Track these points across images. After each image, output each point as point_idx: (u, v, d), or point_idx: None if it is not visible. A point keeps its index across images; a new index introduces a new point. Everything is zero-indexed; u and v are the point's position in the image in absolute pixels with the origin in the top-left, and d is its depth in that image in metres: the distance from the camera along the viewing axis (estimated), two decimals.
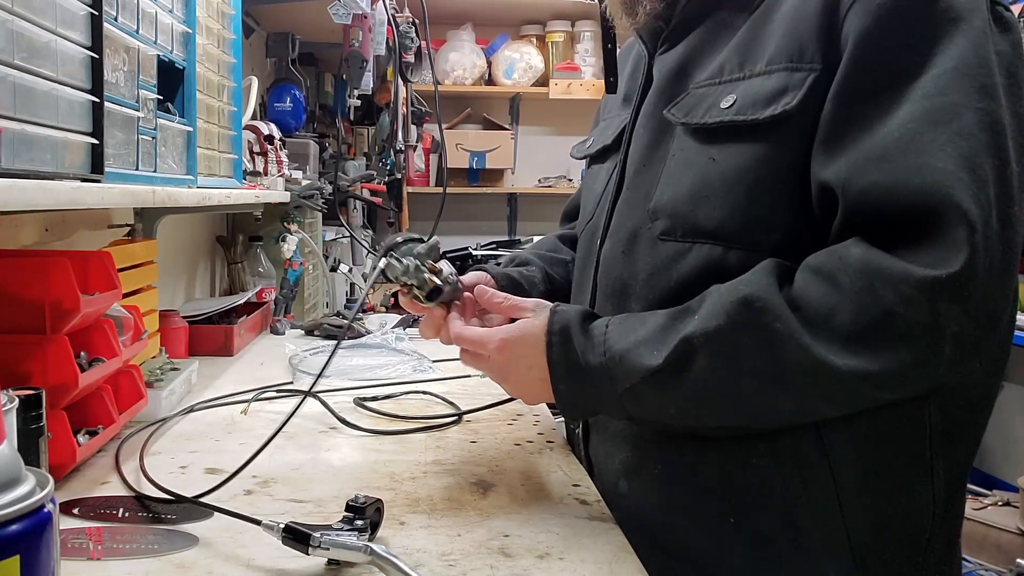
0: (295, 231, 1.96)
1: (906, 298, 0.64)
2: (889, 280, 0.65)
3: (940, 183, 0.65)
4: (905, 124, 0.68)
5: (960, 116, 0.66)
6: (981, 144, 0.66)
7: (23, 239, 1.12)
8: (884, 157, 0.68)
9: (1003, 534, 2.30)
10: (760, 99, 0.76)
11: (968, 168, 0.65)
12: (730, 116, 0.77)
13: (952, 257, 0.63)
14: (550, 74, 3.99)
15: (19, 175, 0.67)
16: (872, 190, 0.68)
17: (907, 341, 0.65)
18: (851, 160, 0.70)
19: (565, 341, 0.80)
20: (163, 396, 1.15)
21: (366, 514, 0.73)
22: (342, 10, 1.96)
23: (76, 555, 0.71)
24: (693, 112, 0.81)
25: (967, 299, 0.64)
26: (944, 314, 0.64)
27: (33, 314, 0.87)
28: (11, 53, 0.66)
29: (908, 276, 0.64)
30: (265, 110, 2.24)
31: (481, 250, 4.05)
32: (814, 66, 0.73)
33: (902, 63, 0.69)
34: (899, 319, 0.65)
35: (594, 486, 0.91)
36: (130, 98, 0.96)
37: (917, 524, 0.75)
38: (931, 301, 0.64)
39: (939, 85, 0.67)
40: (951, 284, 0.63)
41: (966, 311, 0.64)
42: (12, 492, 0.44)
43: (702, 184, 0.78)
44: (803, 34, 0.74)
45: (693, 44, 0.86)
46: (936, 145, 0.66)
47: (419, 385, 1.32)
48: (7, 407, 0.65)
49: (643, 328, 0.77)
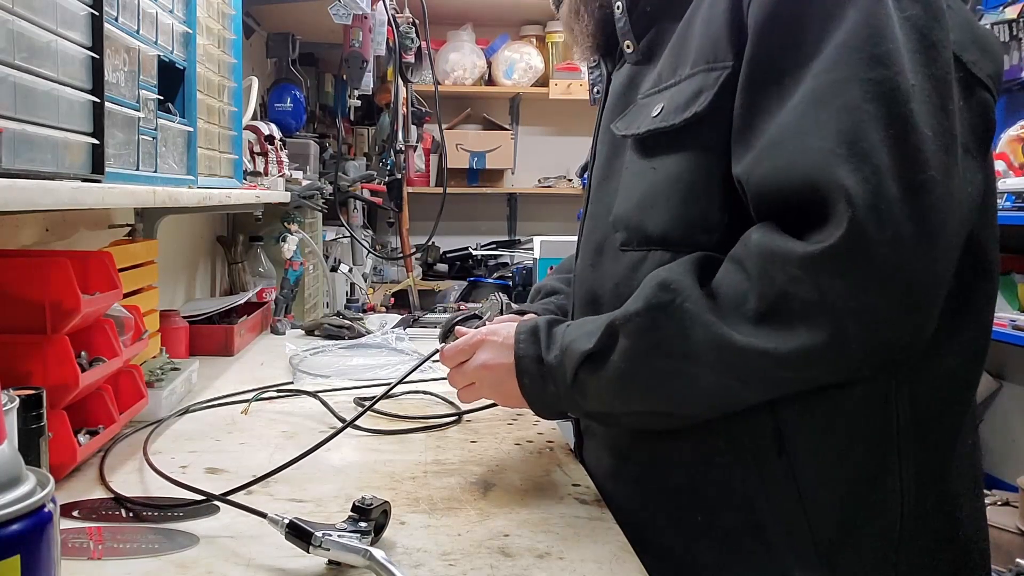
0: (295, 231, 1.96)
1: (792, 277, 0.65)
2: (778, 261, 0.66)
3: (821, 163, 0.65)
4: (796, 107, 0.68)
5: (845, 90, 0.66)
6: (869, 116, 0.65)
7: (24, 239, 1.12)
8: (778, 143, 0.68)
9: (1003, 534, 2.30)
10: (680, 104, 0.77)
11: (849, 142, 0.64)
12: (656, 124, 0.79)
13: (831, 233, 0.63)
14: (550, 74, 3.99)
15: (20, 175, 0.67)
16: (768, 177, 0.69)
17: (803, 320, 0.66)
18: (753, 152, 0.70)
19: (532, 339, 0.85)
20: (163, 396, 1.15)
21: (371, 516, 0.73)
22: (342, 10, 1.96)
23: (76, 555, 0.72)
24: (632, 124, 0.83)
25: (851, 271, 0.63)
26: (829, 290, 0.64)
27: (34, 314, 0.87)
28: (11, 53, 0.66)
29: (791, 255, 0.65)
30: (265, 110, 2.25)
31: (481, 250, 4.05)
32: (726, 64, 0.74)
33: (796, 47, 0.69)
34: (792, 299, 0.66)
35: (594, 486, 0.91)
36: (130, 98, 0.96)
37: (886, 520, 0.74)
38: (813, 277, 0.64)
39: (827, 63, 0.67)
40: (830, 258, 0.63)
41: (856, 283, 0.64)
42: (13, 492, 0.44)
43: (646, 194, 0.81)
44: (715, 33, 0.75)
45: (639, 56, 0.88)
46: (820, 125, 0.66)
47: (419, 385, 1.32)
48: (8, 407, 0.65)
49: (593, 322, 0.80)
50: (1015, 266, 2.51)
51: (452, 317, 1.02)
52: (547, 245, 3.02)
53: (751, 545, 0.76)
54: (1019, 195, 2.19)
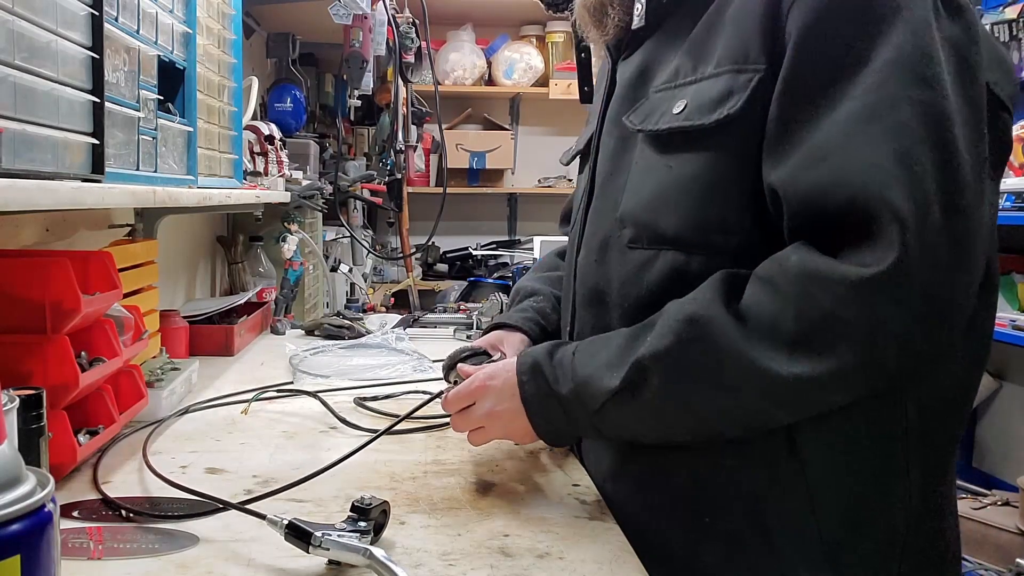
0: (295, 231, 1.96)
1: (840, 299, 0.65)
2: (824, 283, 0.66)
3: (873, 181, 0.64)
4: (843, 122, 0.67)
5: (897, 109, 0.65)
6: (918, 137, 0.65)
7: (24, 239, 1.12)
8: (822, 158, 0.67)
9: (1002, 534, 2.30)
10: (707, 103, 0.76)
11: (903, 164, 0.64)
12: (680, 122, 0.77)
13: (884, 256, 0.63)
14: (550, 74, 3.99)
15: (20, 175, 0.67)
16: (811, 192, 0.68)
17: (846, 342, 0.65)
18: (793, 162, 0.69)
19: (536, 376, 0.83)
20: (163, 396, 1.15)
21: (371, 515, 0.73)
22: (342, 10, 1.96)
23: (76, 555, 0.72)
24: (649, 118, 0.82)
25: (902, 297, 0.64)
26: (880, 313, 0.64)
27: (34, 314, 0.87)
28: (12, 53, 0.66)
29: (842, 278, 0.65)
30: (265, 110, 2.25)
31: (481, 250, 4.05)
32: (758, 67, 0.72)
33: (842, 59, 0.69)
34: (837, 321, 0.65)
35: (594, 486, 0.91)
36: (131, 98, 0.96)
37: (891, 520, 0.75)
38: (865, 301, 0.64)
39: (876, 80, 0.66)
40: (883, 282, 0.63)
41: (904, 308, 0.64)
42: (13, 492, 0.44)
43: (661, 191, 0.79)
44: (747, 34, 0.74)
45: (652, 48, 0.86)
46: (871, 142, 0.65)
47: (419, 385, 1.32)
48: (8, 407, 0.65)
49: (605, 351, 0.78)
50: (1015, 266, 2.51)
51: (456, 353, 0.98)
52: (547, 245, 3.02)
53: (757, 545, 0.76)
54: (1019, 195, 2.19)
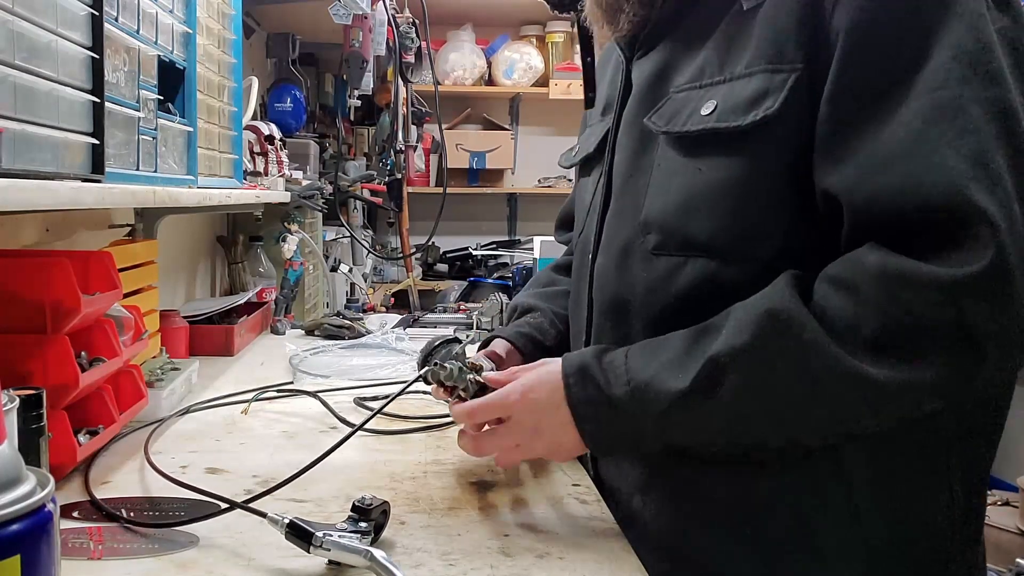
0: (295, 231, 1.96)
1: (933, 303, 0.62)
2: (912, 285, 0.63)
3: (953, 182, 0.62)
4: (909, 123, 0.65)
5: (965, 109, 0.63)
6: (991, 136, 0.63)
7: (24, 239, 1.12)
8: (890, 160, 0.65)
9: (1002, 534, 2.30)
10: (741, 104, 0.73)
11: (981, 164, 0.62)
12: (711, 123, 0.74)
13: (977, 256, 0.61)
14: (550, 74, 3.99)
15: (20, 175, 0.67)
16: (881, 195, 0.65)
17: (944, 348, 0.63)
18: (855, 166, 0.67)
19: (584, 379, 0.76)
20: (163, 396, 1.15)
21: (371, 516, 0.73)
22: (342, 10, 1.96)
23: (76, 555, 0.72)
24: (675, 120, 0.78)
25: (999, 297, 0.61)
26: (976, 316, 0.61)
27: (34, 314, 0.87)
28: (12, 53, 0.66)
29: (933, 279, 0.62)
30: (265, 110, 2.25)
31: (481, 250, 4.05)
32: (795, 66, 0.70)
33: (897, 58, 0.66)
34: (930, 326, 0.63)
35: (594, 486, 0.91)
36: (130, 98, 0.96)
37: (936, 527, 0.74)
38: (959, 304, 0.61)
39: (939, 78, 0.64)
40: (979, 284, 0.61)
41: (1001, 309, 0.61)
42: (13, 492, 0.44)
43: (690, 195, 0.76)
44: (782, 33, 0.71)
45: (671, 46, 0.83)
46: (944, 142, 0.63)
47: (419, 385, 1.32)
48: (8, 407, 0.65)
49: (664, 352, 0.74)
50: None
51: (428, 345, 0.94)
52: (547, 245, 3.01)
53: (801, 556, 0.74)
54: None
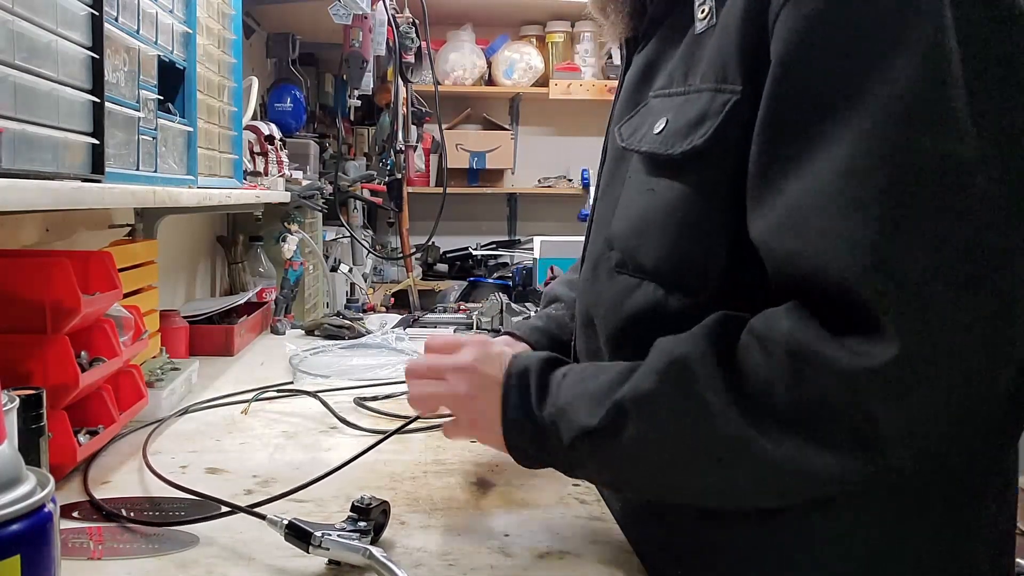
0: (295, 231, 1.96)
1: (835, 390, 0.55)
2: (815, 367, 0.56)
3: (856, 261, 0.53)
4: (824, 178, 0.55)
5: (892, 163, 0.53)
6: (918, 199, 0.53)
7: (24, 239, 1.12)
8: (804, 220, 0.56)
9: None
10: (683, 126, 0.66)
11: (891, 235, 0.53)
12: (655, 146, 0.69)
13: (877, 347, 0.53)
14: (550, 74, 3.98)
15: (20, 175, 0.67)
16: (797, 259, 0.58)
17: (845, 438, 0.56)
18: (771, 218, 0.59)
19: (520, 387, 0.74)
20: (163, 396, 1.15)
21: (371, 516, 0.73)
22: (342, 10, 1.96)
23: (76, 555, 0.72)
24: (635, 134, 0.73)
25: (902, 393, 0.53)
26: (876, 414, 0.54)
27: (34, 314, 0.87)
28: (12, 53, 0.66)
29: (832, 366, 0.55)
30: (265, 110, 2.25)
31: (481, 250, 4.05)
32: (735, 88, 0.62)
33: (833, 90, 0.56)
34: (833, 414, 0.56)
35: (594, 486, 0.91)
36: (130, 98, 0.96)
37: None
38: (858, 399, 0.54)
39: (867, 124, 0.54)
40: (880, 378, 0.53)
41: (910, 410, 0.54)
42: (13, 492, 0.44)
43: (643, 217, 0.71)
44: (728, 47, 0.63)
45: (656, 45, 0.77)
46: (854, 205, 0.54)
47: None
48: (8, 407, 0.65)
49: (593, 383, 0.69)
50: None
51: None
52: (547, 245, 3.02)
53: None
54: None
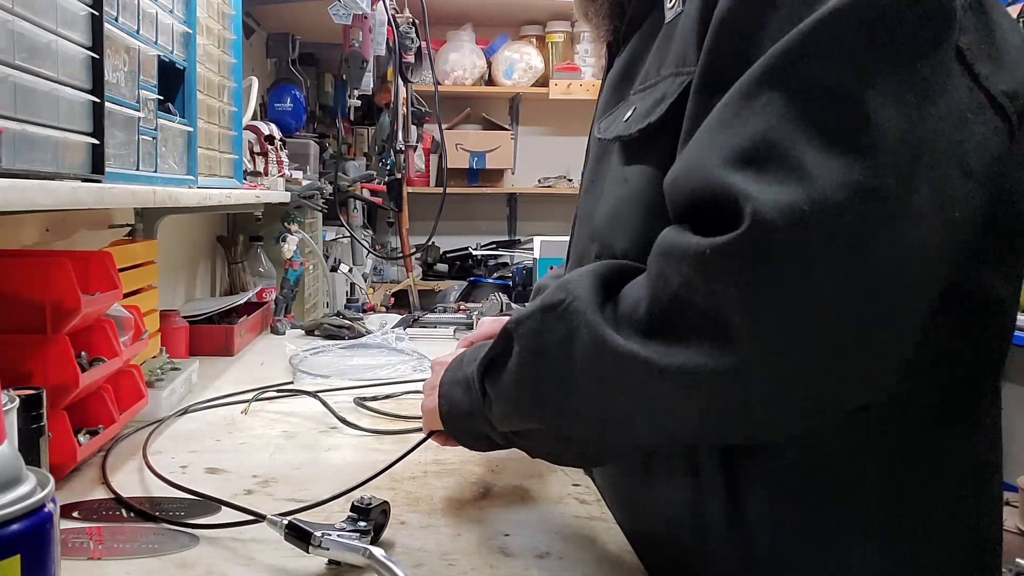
0: (295, 231, 1.97)
1: (685, 279, 0.53)
2: (674, 259, 0.54)
3: (721, 162, 0.53)
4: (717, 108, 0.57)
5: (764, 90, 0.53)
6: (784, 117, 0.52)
7: (24, 239, 1.12)
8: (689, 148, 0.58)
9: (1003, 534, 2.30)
10: (647, 110, 0.68)
11: (753, 147, 0.52)
12: (619, 131, 0.70)
13: (731, 232, 0.50)
14: (550, 74, 3.99)
15: (20, 175, 0.67)
16: (677, 180, 0.58)
17: (695, 332, 0.53)
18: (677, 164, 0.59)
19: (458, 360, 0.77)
20: (163, 396, 1.15)
21: (371, 516, 0.73)
22: (342, 10, 1.96)
23: (77, 555, 0.72)
24: (611, 126, 0.74)
25: (751, 279, 0.50)
26: (721, 296, 0.51)
27: (34, 314, 0.87)
28: (12, 53, 0.66)
29: (686, 251, 0.53)
30: (265, 110, 2.25)
31: (481, 250, 4.05)
32: (690, 70, 0.63)
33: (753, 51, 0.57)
34: (684, 305, 0.54)
35: (594, 486, 0.91)
36: (131, 98, 0.96)
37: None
38: (706, 281, 0.52)
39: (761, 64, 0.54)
40: (723, 256, 0.50)
41: (756, 296, 0.50)
42: (13, 492, 0.44)
43: (617, 207, 0.71)
44: (688, 35, 0.65)
45: (635, 45, 0.78)
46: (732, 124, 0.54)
47: (419, 385, 1.32)
48: (8, 407, 0.65)
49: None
50: None
51: None
52: (547, 245, 3.02)
53: None
54: None
